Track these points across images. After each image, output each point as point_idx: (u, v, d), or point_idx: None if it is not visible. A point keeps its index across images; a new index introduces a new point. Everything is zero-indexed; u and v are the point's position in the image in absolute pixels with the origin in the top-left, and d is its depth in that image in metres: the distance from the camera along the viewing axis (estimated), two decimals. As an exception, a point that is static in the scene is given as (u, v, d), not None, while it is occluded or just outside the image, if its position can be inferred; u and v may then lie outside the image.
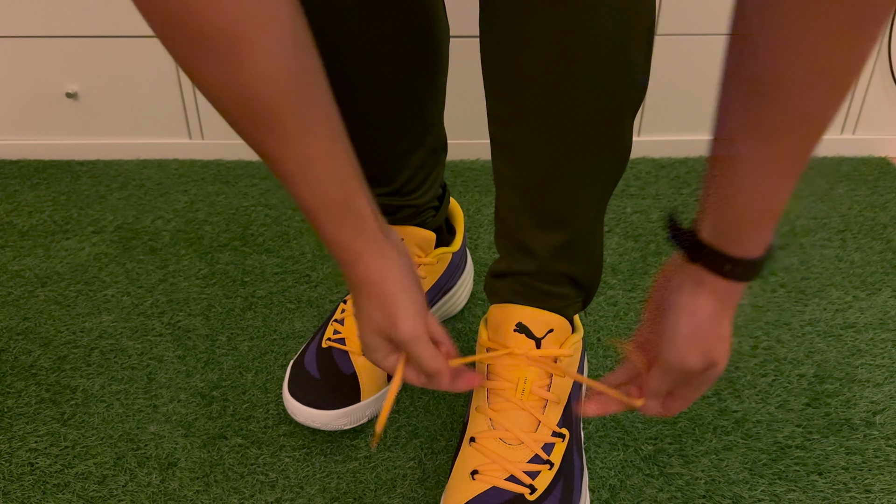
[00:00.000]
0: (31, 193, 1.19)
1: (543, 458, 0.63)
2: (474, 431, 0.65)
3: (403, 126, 0.72)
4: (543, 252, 0.64)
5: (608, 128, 0.58)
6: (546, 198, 0.62)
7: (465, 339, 0.89)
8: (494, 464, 0.62)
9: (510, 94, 0.58)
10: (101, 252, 1.05)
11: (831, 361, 0.86)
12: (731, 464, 0.74)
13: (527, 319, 0.65)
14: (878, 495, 0.71)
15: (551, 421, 0.65)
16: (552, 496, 0.62)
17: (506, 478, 0.62)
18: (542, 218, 0.63)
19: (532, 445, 0.63)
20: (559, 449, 0.64)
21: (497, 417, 0.64)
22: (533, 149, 0.59)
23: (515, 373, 0.65)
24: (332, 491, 0.72)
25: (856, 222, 1.11)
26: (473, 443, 0.64)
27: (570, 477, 0.65)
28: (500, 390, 0.65)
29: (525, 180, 0.61)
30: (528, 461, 0.63)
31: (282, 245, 1.06)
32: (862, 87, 1.25)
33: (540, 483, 0.62)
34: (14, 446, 0.76)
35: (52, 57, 1.21)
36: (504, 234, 0.67)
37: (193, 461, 0.74)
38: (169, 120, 1.27)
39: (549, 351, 0.65)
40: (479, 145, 1.28)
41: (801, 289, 0.97)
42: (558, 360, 0.66)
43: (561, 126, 0.57)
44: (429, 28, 0.69)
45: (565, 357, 0.66)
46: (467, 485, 0.62)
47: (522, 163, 0.60)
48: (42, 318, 0.93)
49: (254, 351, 0.88)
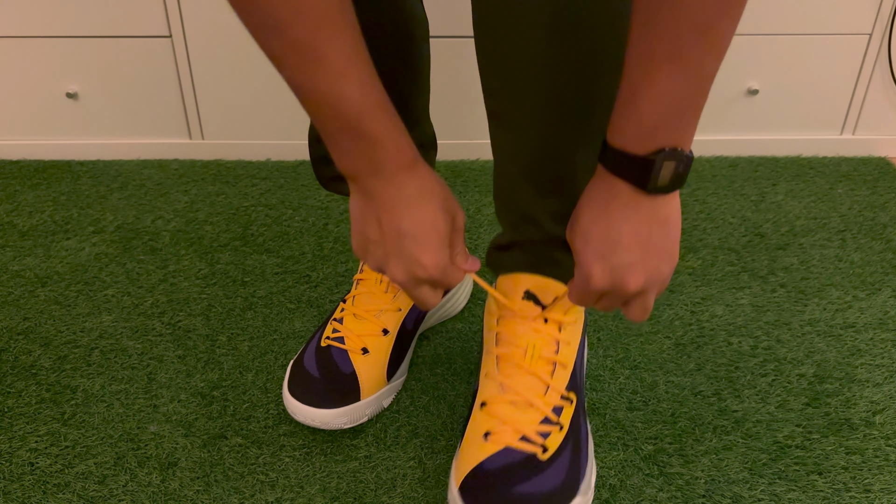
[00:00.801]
0: (32, 193, 1.19)
1: (553, 420, 0.65)
2: (485, 396, 0.67)
3: None
4: (546, 219, 0.66)
5: (600, 91, 0.58)
6: (544, 165, 0.63)
7: (465, 340, 0.90)
8: (507, 425, 0.64)
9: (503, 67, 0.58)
10: (102, 252, 1.05)
11: (831, 361, 0.86)
12: (730, 463, 0.74)
13: (534, 287, 0.68)
14: (878, 495, 0.71)
15: (559, 385, 0.67)
16: (563, 457, 0.64)
17: (519, 438, 0.64)
18: (541, 186, 0.64)
19: (542, 408, 0.65)
20: (568, 412, 0.66)
21: (507, 382, 0.66)
22: (529, 119, 0.60)
23: (524, 339, 0.67)
24: (332, 490, 0.72)
25: (855, 222, 1.11)
26: (485, 407, 0.66)
27: (579, 440, 0.66)
28: (509, 356, 0.67)
29: (523, 150, 0.62)
30: (540, 422, 0.65)
31: (282, 245, 1.06)
32: (862, 88, 1.26)
33: (551, 443, 0.64)
34: (14, 446, 0.76)
35: (53, 57, 1.21)
36: (507, 207, 0.69)
37: (194, 461, 0.74)
38: (169, 120, 1.27)
39: (555, 316, 0.68)
40: (479, 145, 1.28)
41: (800, 289, 0.97)
42: (562, 326, 0.68)
43: (554, 94, 0.57)
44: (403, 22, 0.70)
45: (569, 324, 0.69)
46: (481, 446, 0.64)
47: (519, 133, 0.61)
48: (42, 318, 0.93)
49: (254, 351, 0.88)
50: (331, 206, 1.16)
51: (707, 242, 1.06)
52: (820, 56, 1.22)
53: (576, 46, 0.55)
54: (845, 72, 1.24)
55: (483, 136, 1.28)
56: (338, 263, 1.02)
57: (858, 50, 1.22)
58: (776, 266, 1.01)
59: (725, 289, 0.97)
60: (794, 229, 1.09)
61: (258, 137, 1.28)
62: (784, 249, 1.05)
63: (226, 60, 1.21)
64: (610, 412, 0.80)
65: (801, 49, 1.22)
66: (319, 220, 1.12)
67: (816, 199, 1.17)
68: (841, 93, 1.26)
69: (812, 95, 1.26)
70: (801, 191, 1.19)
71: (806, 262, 1.02)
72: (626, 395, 0.82)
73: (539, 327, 0.67)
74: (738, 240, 1.07)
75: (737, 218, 1.12)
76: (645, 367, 0.85)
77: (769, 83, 1.25)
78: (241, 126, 1.27)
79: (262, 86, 1.23)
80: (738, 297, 0.96)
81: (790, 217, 1.12)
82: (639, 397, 0.81)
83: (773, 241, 1.07)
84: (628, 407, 0.80)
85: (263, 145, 1.29)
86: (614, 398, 0.81)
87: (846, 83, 1.25)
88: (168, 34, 1.19)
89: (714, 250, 1.05)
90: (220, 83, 1.23)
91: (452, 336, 0.90)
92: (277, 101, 1.25)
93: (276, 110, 1.25)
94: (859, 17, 1.19)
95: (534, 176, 0.64)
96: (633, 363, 0.86)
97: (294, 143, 1.28)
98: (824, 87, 1.25)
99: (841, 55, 1.22)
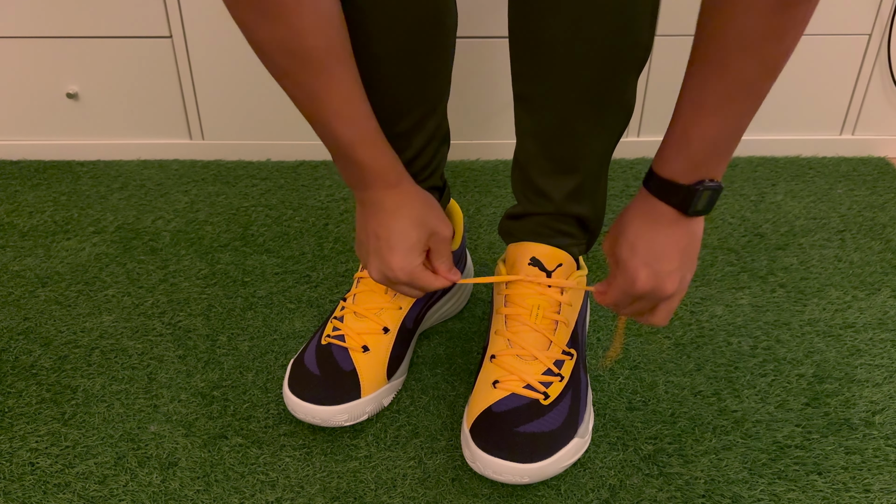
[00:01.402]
0: (32, 194, 1.20)
1: (555, 371, 0.72)
2: (494, 350, 0.75)
3: (406, 101, 0.73)
4: (558, 195, 0.74)
5: (615, 84, 0.67)
6: (560, 145, 0.72)
7: (466, 340, 0.90)
8: (513, 375, 0.72)
9: (532, 55, 0.67)
10: (102, 252, 1.05)
11: (830, 361, 0.86)
12: (730, 463, 0.74)
13: (540, 254, 0.76)
14: (878, 495, 0.71)
15: (561, 341, 0.74)
16: (562, 403, 0.71)
17: (523, 386, 0.71)
18: (556, 164, 0.73)
19: (545, 361, 0.73)
20: (568, 365, 0.74)
21: (514, 338, 0.74)
22: (550, 102, 0.69)
23: (530, 301, 0.75)
24: (332, 490, 0.72)
25: (855, 222, 1.11)
26: (494, 359, 0.74)
27: (578, 389, 0.74)
28: (516, 315, 0.75)
29: (542, 129, 0.71)
30: (542, 373, 0.72)
31: (282, 245, 1.07)
32: (861, 88, 1.26)
33: (552, 391, 0.71)
34: (15, 446, 0.76)
35: (53, 57, 1.21)
36: (522, 181, 0.77)
37: (194, 461, 0.75)
38: (169, 120, 1.27)
39: (558, 281, 0.76)
40: (479, 145, 1.29)
41: (800, 289, 0.97)
42: (564, 290, 0.76)
43: (574, 82, 0.66)
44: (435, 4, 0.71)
45: (570, 288, 0.77)
46: (490, 392, 0.72)
47: (542, 114, 0.70)
48: (43, 318, 0.93)
49: (254, 351, 0.88)
50: (331, 206, 1.16)
51: (707, 242, 1.06)
52: (819, 56, 1.22)
53: (598, 41, 0.63)
54: (845, 72, 1.24)
55: (483, 137, 1.28)
56: (338, 263, 1.03)
57: (858, 50, 1.22)
58: (776, 266, 1.02)
59: (725, 289, 0.97)
60: (793, 229, 1.09)
61: (258, 137, 1.28)
62: (783, 249, 1.05)
63: (226, 60, 1.21)
64: (609, 412, 0.80)
65: (800, 49, 1.22)
66: (319, 220, 1.12)
67: (816, 199, 1.17)
68: (840, 93, 1.26)
69: (811, 95, 1.26)
70: (800, 191, 1.19)
71: (805, 263, 1.02)
72: (625, 396, 0.82)
73: (543, 290, 0.75)
74: (737, 240, 1.07)
75: (736, 218, 1.12)
76: (644, 367, 0.85)
77: (769, 83, 1.25)
78: (241, 126, 1.27)
79: (262, 86, 1.23)
80: (737, 297, 0.96)
81: (790, 217, 1.12)
82: (638, 397, 0.82)
83: (772, 242, 1.07)
84: (628, 407, 0.80)
85: (263, 145, 1.29)
86: (614, 398, 0.81)
87: (846, 83, 1.25)
88: (168, 34, 1.19)
89: (713, 250, 1.05)
90: (220, 83, 1.23)
91: (452, 336, 0.90)
92: (277, 101, 1.25)
93: (276, 110, 1.26)
94: (859, 17, 1.19)
95: (551, 153, 0.72)
96: (633, 363, 0.86)
97: (294, 143, 1.28)
98: (824, 88, 1.26)
99: (840, 55, 1.22)
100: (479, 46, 1.19)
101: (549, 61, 0.66)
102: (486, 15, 1.17)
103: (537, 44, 0.66)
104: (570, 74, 0.66)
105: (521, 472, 0.67)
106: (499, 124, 1.27)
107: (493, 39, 1.19)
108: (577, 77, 0.66)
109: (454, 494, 0.72)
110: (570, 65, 0.65)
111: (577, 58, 0.65)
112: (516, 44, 0.69)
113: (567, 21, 0.63)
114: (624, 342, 0.88)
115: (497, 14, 1.17)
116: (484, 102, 1.25)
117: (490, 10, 1.16)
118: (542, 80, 0.68)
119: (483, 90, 1.23)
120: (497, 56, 1.20)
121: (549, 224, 0.77)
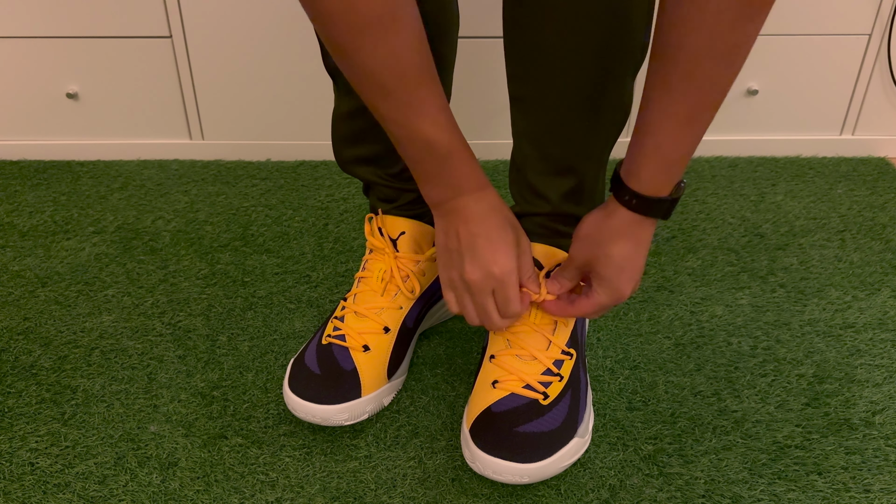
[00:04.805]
0: (32, 194, 1.20)
1: (554, 371, 0.73)
2: (494, 350, 0.75)
3: None
4: (555, 196, 0.75)
5: (611, 85, 0.67)
6: (556, 146, 0.72)
7: (466, 340, 0.90)
8: (513, 375, 0.72)
9: (526, 57, 0.67)
10: (102, 252, 1.05)
11: (830, 361, 0.86)
12: (730, 464, 0.74)
13: (538, 255, 0.76)
14: (878, 495, 0.71)
15: (560, 341, 0.74)
16: (562, 403, 0.72)
17: (523, 386, 0.71)
18: (552, 165, 0.73)
19: (544, 361, 0.73)
20: (567, 365, 0.74)
21: (513, 338, 0.74)
22: (546, 103, 0.69)
23: None
24: (332, 490, 0.72)
25: (855, 222, 1.11)
26: (493, 359, 0.74)
27: (577, 389, 0.74)
28: None
29: (538, 131, 0.72)
30: (542, 373, 0.72)
31: (282, 245, 1.07)
32: (861, 88, 1.26)
33: (552, 391, 0.71)
34: (15, 446, 0.76)
35: (53, 57, 1.21)
36: (520, 183, 0.77)
37: (194, 461, 0.75)
38: (169, 120, 1.27)
39: None
40: (478, 145, 1.29)
41: (800, 289, 0.97)
42: None
43: (569, 83, 0.67)
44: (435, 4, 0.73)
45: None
46: (489, 392, 0.72)
47: (537, 115, 0.70)
48: (42, 319, 0.93)
49: (254, 351, 0.88)
50: (331, 206, 1.16)
51: (706, 243, 1.06)
52: (819, 56, 1.22)
53: (593, 43, 0.64)
54: (845, 72, 1.24)
55: (483, 137, 1.28)
56: (338, 263, 1.03)
57: (858, 50, 1.22)
58: (776, 266, 1.02)
59: (725, 289, 0.97)
60: (793, 229, 1.09)
61: (258, 137, 1.28)
62: (783, 250, 1.05)
63: (226, 60, 1.21)
64: (609, 412, 0.80)
65: (800, 49, 1.22)
66: (319, 220, 1.12)
67: (816, 199, 1.17)
68: (840, 93, 1.26)
69: (811, 96, 1.26)
70: (800, 191, 1.19)
71: (805, 263, 1.02)
72: (625, 396, 0.82)
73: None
74: (737, 240, 1.07)
75: (736, 218, 1.12)
76: (644, 367, 0.85)
77: (769, 83, 1.25)
78: (241, 126, 1.27)
79: (262, 86, 1.23)
80: (737, 297, 0.96)
81: (790, 217, 1.12)
82: (638, 397, 0.82)
83: (772, 242, 1.07)
84: (628, 407, 0.80)
85: (263, 145, 1.29)
86: (614, 398, 0.81)
87: (845, 83, 1.25)
88: (168, 34, 1.19)
89: (713, 250, 1.05)
90: (220, 83, 1.23)
91: (452, 336, 0.90)
92: (277, 102, 1.25)
93: (276, 110, 1.26)
94: (859, 17, 1.19)
95: (547, 154, 0.72)
96: (633, 363, 0.86)
97: (294, 143, 1.28)
98: (824, 88, 1.26)
99: (840, 55, 1.22)
100: (479, 46, 1.19)
101: (544, 63, 0.66)
102: (486, 15, 1.17)
103: (531, 46, 0.66)
104: (564, 76, 0.66)
105: (521, 472, 0.67)
106: (499, 124, 1.27)
107: (493, 39, 1.19)
108: (572, 79, 0.66)
109: (454, 494, 0.72)
110: (565, 66, 0.66)
111: (572, 59, 0.65)
112: (511, 46, 0.69)
113: (561, 23, 0.63)
114: None
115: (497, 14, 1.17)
116: (484, 102, 1.25)
117: (490, 10, 1.16)
118: (536, 81, 0.68)
119: (483, 90, 1.23)
120: (497, 56, 1.20)
121: (547, 224, 0.77)
